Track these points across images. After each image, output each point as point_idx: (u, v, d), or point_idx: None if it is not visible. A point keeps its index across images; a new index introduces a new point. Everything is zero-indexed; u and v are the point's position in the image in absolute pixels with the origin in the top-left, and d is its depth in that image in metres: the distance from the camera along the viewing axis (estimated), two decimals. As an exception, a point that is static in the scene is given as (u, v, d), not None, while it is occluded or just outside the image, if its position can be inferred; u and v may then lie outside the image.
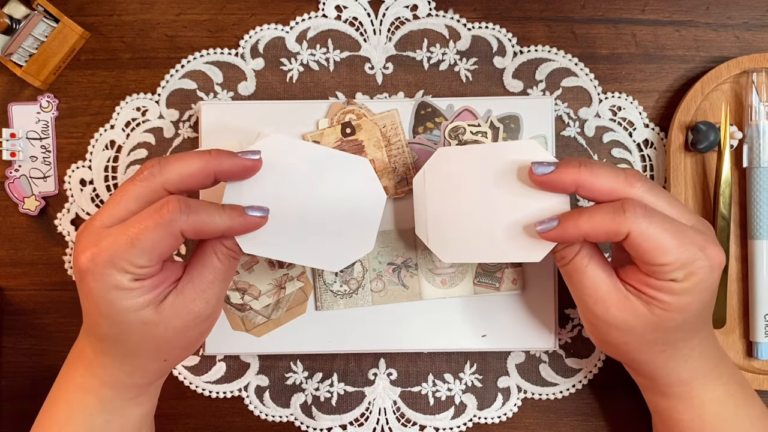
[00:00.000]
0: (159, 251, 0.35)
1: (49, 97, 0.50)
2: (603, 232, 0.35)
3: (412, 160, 0.48)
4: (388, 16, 0.50)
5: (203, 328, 0.39)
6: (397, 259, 0.47)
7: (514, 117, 0.48)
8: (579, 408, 0.50)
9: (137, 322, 0.36)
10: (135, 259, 0.34)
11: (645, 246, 0.35)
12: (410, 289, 0.47)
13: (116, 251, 0.34)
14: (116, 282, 0.35)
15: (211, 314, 0.38)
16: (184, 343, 0.38)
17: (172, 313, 0.36)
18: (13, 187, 0.50)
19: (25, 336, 0.50)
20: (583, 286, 0.38)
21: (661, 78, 0.50)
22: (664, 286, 0.36)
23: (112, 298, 0.35)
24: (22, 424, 0.50)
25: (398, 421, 0.50)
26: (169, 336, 0.37)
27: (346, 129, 0.48)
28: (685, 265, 0.35)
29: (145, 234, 0.34)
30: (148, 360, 0.38)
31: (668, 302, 0.36)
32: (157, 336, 0.37)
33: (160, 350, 0.38)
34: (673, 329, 0.37)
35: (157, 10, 0.51)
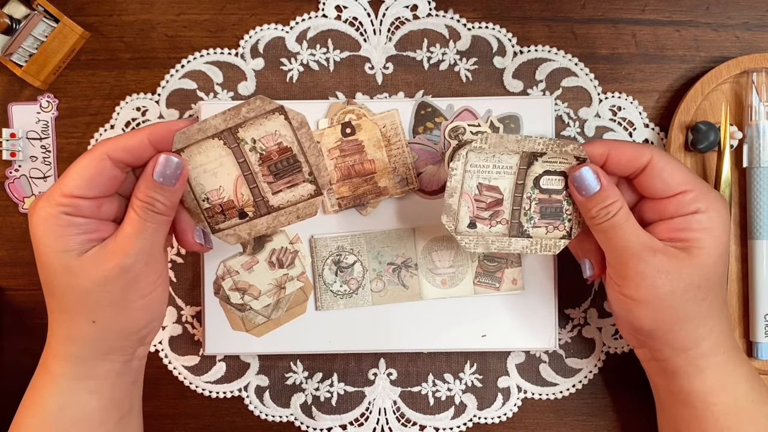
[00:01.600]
0: (86, 174, 0.37)
1: (49, 97, 0.50)
2: (627, 153, 0.39)
3: (412, 160, 0.48)
4: (388, 16, 0.50)
5: (124, 282, 0.38)
6: (397, 259, 0.47)
7: (514, 117, 0.48)
8: (579, 408, 0.50)
9: (59, 265, 0.37)
10: (64, 186, 0.37)
11: (665, 174, 0.39)
12: (410, 289, 0.47)
13: (51, 189, 0.38)
14: (47, 213, 0.37)
15: (130, 267, 0.38)
16: (109, 300, 0.38)
17: (92, 263, 0.37)
18: (13, 187, 0.50)
19: (25, 336, 0.50)
20: (627, 235, 0.39)
21: (661, 78, 0.50)
22: (693, 221, 0.39)
23: (40, 233, 0.37)
24: (22, 424, 0.50)
25: (398, 421, 0.50)
26: (88, 287, 0.37)
27: (346, 129, 0.48)
28: (705, 195, 0.39)
29: (74, 165, 0.38)
30: (78, 318, 0.38)
31: (702, 239, 0.38)
32: (77, 286, 0.37)
33: (83, 305, 0.38)
34: (713, 267, 0.39)
35: (157, 10, 0.51)
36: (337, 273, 0.48)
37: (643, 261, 0.38)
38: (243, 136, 0.40)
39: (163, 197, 0.39)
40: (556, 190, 0.41)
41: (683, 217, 0.39)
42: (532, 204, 0.41)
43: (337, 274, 0.48)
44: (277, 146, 0.40)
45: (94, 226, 0.38)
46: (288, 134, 0.40)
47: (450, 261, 0.47)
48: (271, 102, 0.39)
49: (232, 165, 0.41)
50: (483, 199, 0.41)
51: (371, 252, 0.47)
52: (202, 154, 0.40)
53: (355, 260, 0.47)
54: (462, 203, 0.41)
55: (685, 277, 0.38)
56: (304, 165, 0.41)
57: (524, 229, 0.42)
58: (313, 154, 0.41)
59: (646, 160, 0.39)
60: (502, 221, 0.41)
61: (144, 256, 0.38)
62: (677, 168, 0.39)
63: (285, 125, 0.40)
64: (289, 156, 0.41)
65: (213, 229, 0.42)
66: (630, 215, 0.39)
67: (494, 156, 0.40)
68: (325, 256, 0.47)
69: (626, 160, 0.39)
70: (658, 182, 0.39)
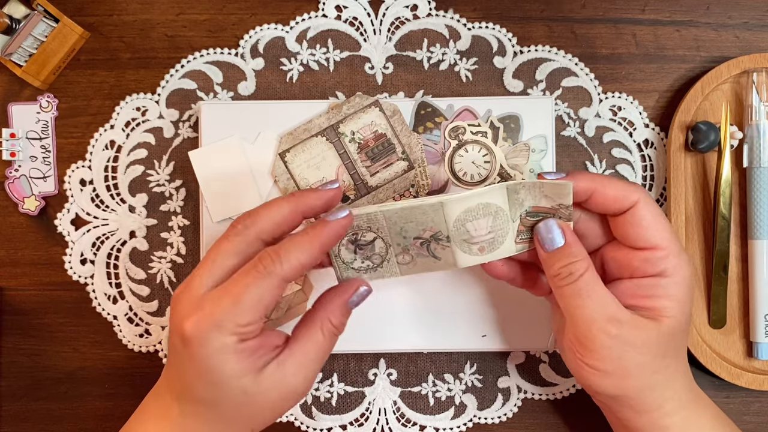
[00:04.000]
0: (263, 305, 0.35)
1: (49, 97, 0.50)
2: (614, 192, 0.37)
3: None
4: (388, 16, 0.50)
5: (294, 403, 0.38)
6: (425, 233, 0.40)
7: (514, 117, 0.48)
8: (579, 408, 0.50)
9: (237, 389, 0.35)
10: (240, 318, 0.34)
11: (645, 223, 0.37)
12: (443, 259, 0.41)
13: (221, 314, 0.34)
14: (221, 345, 0.34)
15: (305, 391, 0.38)
16: (272, 416, 0.38)
17: (272, 384, 0.36)
18: (13, 187, 0.50)
19: (25, 336, 0.50)
20: (592, 303, 0.37)
21: (661, 78, 0.50)
22: (659, 287, 0.37)
23: (215, 363, 0.35)
24: (22, 424, 0.50)
25: (398, 422, 0.50)
26: (264, 407, 0.37)
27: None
28: (674, 256, 0.37)
29: (249, 291, 0.34)
30: (238, 428, 0.38)
31: (669, 307, 0.37)
32: (253, 405, 0.36)
33: (252, 420, 0.37)
34: (678, 337, 0.38)
35: (157, 10, 0.51)
36: (356, 251, 0.42)
37: (610, 335, 0.36)
38: (343, 130, 0.45)
39: (347, 320, 0.39)
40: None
41: (649, 279, 0.37)
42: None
43: (356, 252, 0.42)
44: (373, 134, 0.45)
45: (263, 341, 0.36)
46: (383, 123, 0.45)
47: (488, 228, 0.40)
48: (368, 98, 0.46)
49: (333, 157, 0.46)
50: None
51: (393, 228, 0.40)
52: (306, 151, 0.45)
53: (375, 237, 0.41)
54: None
55: (653, 349, 0.37)
56: (398, 146, 0.45)
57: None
58: (405, 135, 0.45)
59: (630, 202, 0.37)
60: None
61: (317, 375, 0.39)
62: (658, 221, 0.37)
63: (380, 115, 0.44)
64: (384, 141, 0.45)
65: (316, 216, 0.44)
66: (596, 279, 0.37)
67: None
68: None
69: (612, 198, 0.37)
70: (635, 230, 0.37)
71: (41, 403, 0.50)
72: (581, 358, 0.38)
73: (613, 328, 0.36)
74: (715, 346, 0.49)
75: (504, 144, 0.48)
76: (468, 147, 0.48)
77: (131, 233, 0.50)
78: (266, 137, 0.48)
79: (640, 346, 0.37)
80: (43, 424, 0.50)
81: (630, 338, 0.36)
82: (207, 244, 0.48)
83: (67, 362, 0.50)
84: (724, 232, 0.47)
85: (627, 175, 0.50)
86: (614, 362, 0.37)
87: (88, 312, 0.50)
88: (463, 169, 0.48)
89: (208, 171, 0.48)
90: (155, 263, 0.50)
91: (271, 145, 0.48)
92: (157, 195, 0.50)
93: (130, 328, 0.50)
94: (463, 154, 0.48)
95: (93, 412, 0.50)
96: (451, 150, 0.48)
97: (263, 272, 0.35)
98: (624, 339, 0.36)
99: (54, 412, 0.50)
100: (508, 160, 0.48)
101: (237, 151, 0.48)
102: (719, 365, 0.47)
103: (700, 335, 0.48)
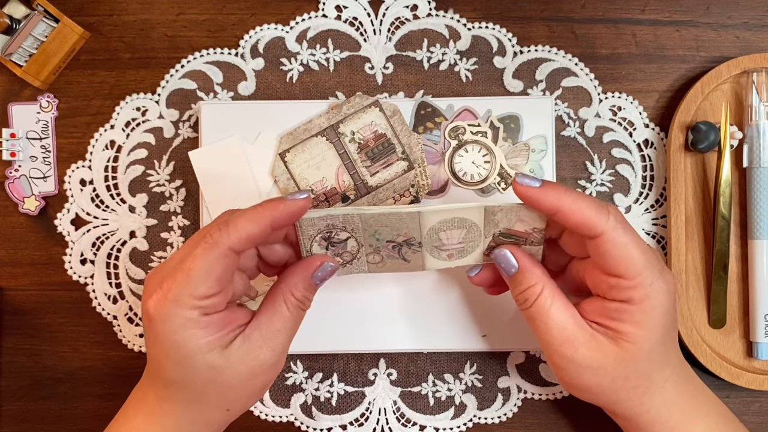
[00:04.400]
0: (215, 275, 0.35)
1: (49, 97, 0.50)
2: (580, 218, 0.35)
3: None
4: (388, 16, 0.50)
5: (268, 377, 0.38)
6: (398, 237, 0.41)
7: (514, 117, 0.48)
8: (579, 408, 0.50)
9: (203, 365, 0.36)
10: (194, 289, 0.35)
11: (613, 252, 0.36)
12: (412, 262, 0.42)
13: (177, 288, 0.35)
14: (184, 320, 0.35)
15: (276, 362, 0.38)
16: (248, 392, 0.38)
17: (239, 358, 0.36)
18: (13, 187, 0.50)
19: (25, 336, 0.50)
20: (548, 327, 0.38)
21: (661, 78, 0.50)
22: (624, 312, 0.36)
23: (180, 339, 0.35)
24: (22, 424, 0.50)
25: (398, 422, 0.50)
26: (234, 383, 0.37)
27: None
28: (646, 285, 0.36)
29: (197, 261, 0.35)
30: (212, 408, 0.38)
31: (632, 333, 0.37)
32: (222, 382, 0.37)
33: (224, 398, 0.38)
34: (644, 361, 0.37)
35: (157, 10, 0.51)
36: (328, 248, 0.42)
37: (565, 358, 0.37)
38: (343, 130, 0.45)
39: (311, 296, 0.39)
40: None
41: (616, 303, 0.37)
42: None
43: (327, 249, 0.42)
44: (373, 134, 0.45)
45: (228, 317, 0.37)
46: (382, 123, 0.45)
47: (460, 239, 0.41)
48: (368, 98, 0.46)
49: (333, 157, 0.46)
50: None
51: (367, 230, 0.40)
52: (306, 151, 0.46)
53: (348, 236, 0.41)
54: None
55: (610, 371, 0.37)
56: (398, 146, 0.45)
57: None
58: (405, 135, 0.45)
59: (595, 232, 0.36)
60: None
61: (287, 350, 0.39)
62: (626, 251, 0.36)
63: (380, 115, 0.44)
64: (384, 141, 0.45)
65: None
66: (552, 302, 0.37)
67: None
68: (312, 234, 0.41)
69: (575, 222, 0.36)
70: (601, 258, 0.36)
71: (41, 403, 0.50)
72: (554, 369, 0.40)
73: (567, 351, 0.37)
74: (715, 346, 0.49)
75: (504, 144, 0.48)
76: (468, 147, 0.48)
77: (131, 233, 0.50)
78: (266, 137, 0.48)
79: (596, 368, 0.37)
80: (43, 424, 0.50)
81: (585, 361, 0.37)
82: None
83: (67, 362, 0.50)
84: (724, 232, 0.47)
85: (627, 175, 0.50)
86: (574, 380, 0.38)
87: (88, 312, 0.50)
88: (463, 169, 0.48)
89: (208, 171, 0.48)
90: (155, 263, 0.50)
91: (271, 145, 0.48)
92: (157, 195, 0.50)
93: (130, 328, 0.50)
94: (463, 154, 0.48)
95: (93, 412, 0.50)
96: (451, 150, 0.48)
97: (211, 243, 0.35)
98: (579, 362, 0.37)
99: (54, 412, 0.50)
100: (508, 160, 0.48)
101: (237, 151, 0.48)
102: (719, 365, 0.47)
103: (700, 335, 0.48)
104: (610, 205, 0.37)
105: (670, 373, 0.39)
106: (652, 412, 0.39)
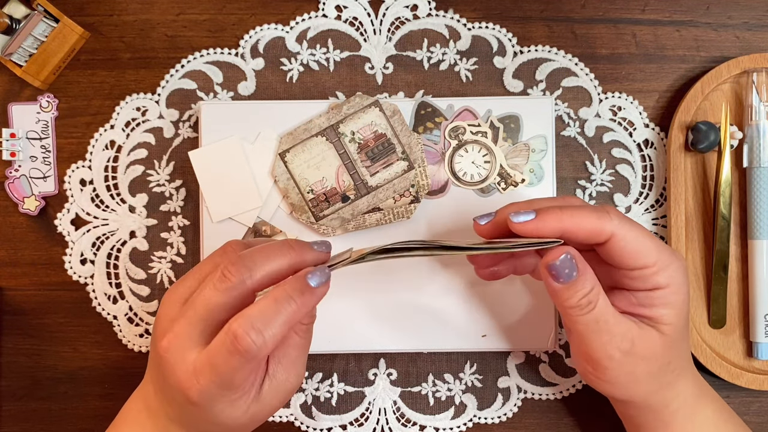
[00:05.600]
0: (244, 375, 0.35)
1: (49, 97, 0.50)
2: (585, 230, 0.35)
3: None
4: (388, 16, 0.50)
5: (291, 396, 0.40)
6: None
7: (514, 117, 0.48)
8: (579, 408, 0.50)
9: (244, 419, 0.37)
10: (230, 394, 0.35)
11: (628, 248, 0.36)
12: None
13: (213, 394, 0.35)
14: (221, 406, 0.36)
15: (300, 383, 0.39)
16: (271, 414, 0.39)
17: (270, 397, 0.37)
18: (13, 187, 0.50)
19: (25, 336, 0.50)
20: (609, 326, 0.36)
21: (661, 78, 0.50)
22: (655, 297, 0.37)
23: (214, 415, 0.36)
24: (22, 424, 0.50)
25: (398, 422, 0.50)
26: (267, 413, 0.38)
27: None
28: (666, 267, 0.37)
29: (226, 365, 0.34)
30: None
31: (667, 314, 0.37)
32: (257, 420, 0.38)
33: (256, 424, 0.38)
34: (680, 341, 0.38)
35: (157, 10, 0.51)
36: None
37: (625, 353, 0.37)
38: (343, 130, 0.45)
39: (315, 307, 0.38)
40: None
41: (642, 292, 0.37)
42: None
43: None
44: (373, 134, 0.45)
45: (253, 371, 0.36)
46: (382, 123, 0.45)
47: None
48: (368, 98, 0.46)
49: (333, 157, 0.46)
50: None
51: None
52: (306, 151, 0.46)
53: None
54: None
55: (659, 358, 0.38)
56: (398, 146, 0.45)
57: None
58: (405, 135, 0.45)
59: (605, 237, 0.36)
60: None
61: (305, 365, 0.40)
62: (639, 243, 0.36)
63: (380, 115, 0.44)
64: (384, 141, 0.45)
65: (317, 217, 0.45)
66: (607, 304, 0.37)
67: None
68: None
69: (584, 236, 0.36)
70: (618, 258, 0.36)
71: (41, 403, 0.50)
72: (593, 372, 0.38)
73: (627, 346, 0.37)
74: (715, 346, 0.49)
75: (504, 144, 0.48)
76: (468, 147, 0.48)
77: (131, 233, 0.50)
78: (266, 137, 0.48)
79: (649, 357, 0.37)
80: (43, 424, 0.50)
81: (640, 352, 0.37)
82: (207, 245, 0.48)
83: (67, 362, 0.50)
84: (724, 232, 0.47)
85: (627, 175, 0.50)
86: (626, 375, 0.38)
87: (88, 312, 0.50)
88: (463, 169, 0.48)
89: (208, 171, 0.48)
90: (155, 263, 0.50)
91: (271, 145, 0.48)
92: (157, 195, 0.50)
93: (130, 328, 0.50)
94: (463, 154, 0.48)
95: (93, 412, 0.50)
96: (451, 150, 0.48)
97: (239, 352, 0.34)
98: (636, 354, 0.37)
99: (54, 412, 0.50)
100: (508, 160, 0.48)
101: (237, 151, 0.48)
102: (719, 365, 0.47)
103: (700, 335, 0.48)
104: (606, 206, 0.37)
105: (687, 358, 0.40)
106: (680, 398, 0.40)
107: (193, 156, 0.48)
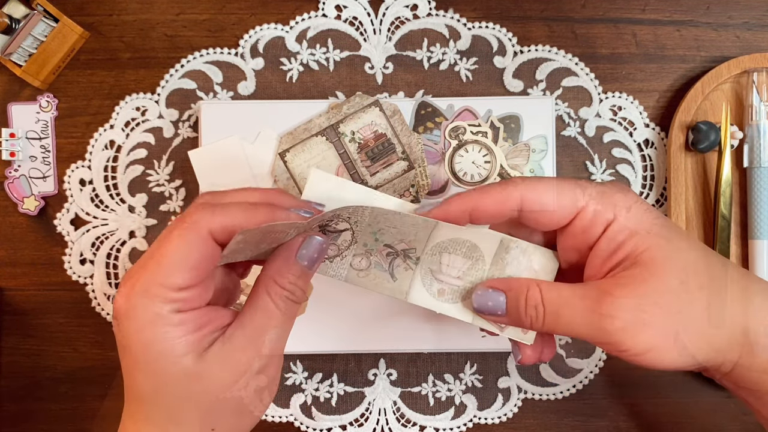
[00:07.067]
0: (191, 262, 0.30)
1: (49, 97, 0.50)
2: (492, 199, 0.33)
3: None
4: (388, 16, 0.50)
5: (256, 386, 0.32)
6: (399, 244, 0.37)
7: (515, 117, 0.48)
8: (579, 408, 0.50)
9: (177, 372, 0.30)
10: (166, 278, 0.29)
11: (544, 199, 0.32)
12: (397, 282, 0.37)
13: (146, 277, 0.30)
14: (152, 315, 0.29)
15: (264, 368, 0.32)
16: (234, 406, 0.32)
17: (218, 363, 0.31)
18: (12, 187, 0.50)
19: (25, 336, 0.50)
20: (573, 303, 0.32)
21: (661, 78, 0.50)
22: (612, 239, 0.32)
23: (148, 338, 0.30)
24: (22, 424, 0.50)
25: (398, 422, 0.50)
26: (214, 392, 0.31)
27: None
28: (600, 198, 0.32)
29: (171, 246, 0.30)
30: (193, 428, 0.32)
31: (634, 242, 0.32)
32: (200, 392, 0.31)
33: (206, 413, 0.31)
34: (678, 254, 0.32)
35: (157, 9, 0.51)
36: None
37: (615, 317, 0.31)
38: (343, 130, 0.45)
39: (304, 283, 0.33)
40: None
41: (605, 240, 0.32)
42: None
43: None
44: (373, 134, 0.45)
45: (207, 316, 0.31)
46: (383, 122, 0.45)
47: (460, 272, 0.37)
48: (368, 98, 0.46)
49: (333, 157, 0.46)
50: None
51: (371, 226, 0.36)
52: (306, 151, 0.45)
53: (346, 227, 0.36)
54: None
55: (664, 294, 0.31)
56: (398, 146, 0.45)
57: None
58: (405, 135, 0.45)
59: (515, 200, 0.33)
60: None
61: (279, 351, 0.33)
62: (554, 187, 0.32)
63: (380, 115, 0.44)
64: (384, 141, 0.45)
65: None
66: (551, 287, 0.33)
67: None
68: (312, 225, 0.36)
69: (493, 207, 0.33)
70: (549, 217, 0.33)
71: (41, 403, 0.50)
72: (618, 350, 0.32)
73: (606, 308, 0.31)
74: (715, 346, 0.49)
75: (504, 144, 0.48)
76: (468, 147, 0.48)
77: (131, 233, 0.50)
78: (266, 137, 0.48)
79: (649, 294, 0.31)
80: (43, 424, 0.50)
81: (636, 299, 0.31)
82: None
83: (67, 362, 0.50)
84: (724, 232, 0.47)
85: (627, 175, 0.50)
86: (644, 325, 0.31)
87: (88, 312, 0.50)
88: (463, 169, 0.48)
89: (208, 171, 0.48)
90: (155, 263, 0.50)
91: (271, 145, 0.48)
92: (156, 195, 0.50)
93: (129, 328, 0.50)
94: (463, 154, 0.48)
95: (93, 412, 0.50)
96: (451, 150, 0.48)
97: (188, 224, 0.30)
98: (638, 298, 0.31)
99: (54, 412, 0.50)
100: (509, 160, 0.48)
101: (237, 151, 0.48)
102: (719, 365, 0.47)
103: (701, 335, 0.48)
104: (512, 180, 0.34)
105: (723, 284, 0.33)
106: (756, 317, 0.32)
107: (192, 156, 0.48)
